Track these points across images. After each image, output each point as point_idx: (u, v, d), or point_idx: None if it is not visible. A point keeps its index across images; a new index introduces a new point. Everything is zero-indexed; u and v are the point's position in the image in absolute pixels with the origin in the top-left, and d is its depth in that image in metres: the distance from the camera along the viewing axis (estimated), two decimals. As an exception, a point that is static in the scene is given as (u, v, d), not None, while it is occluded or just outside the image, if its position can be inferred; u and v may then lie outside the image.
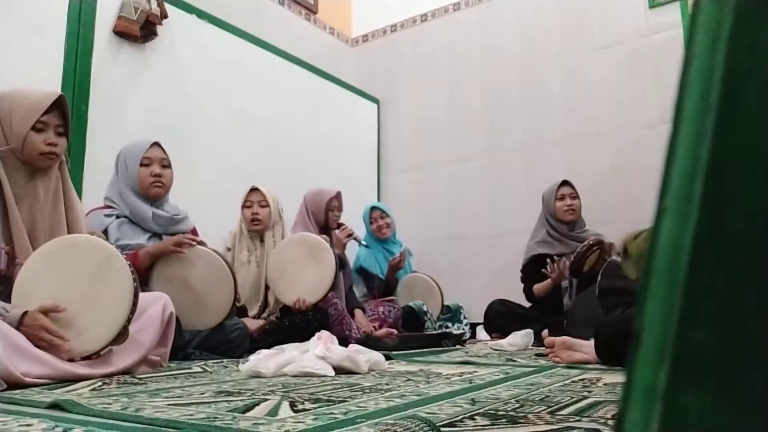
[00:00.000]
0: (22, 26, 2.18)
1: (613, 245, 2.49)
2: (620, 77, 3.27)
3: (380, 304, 3.01)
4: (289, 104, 3.43)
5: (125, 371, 1.49)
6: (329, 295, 2.47)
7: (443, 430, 0.77)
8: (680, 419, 0.23)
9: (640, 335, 0.23)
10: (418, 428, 0.73)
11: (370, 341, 2.28)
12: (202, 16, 2.94)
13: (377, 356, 1.63)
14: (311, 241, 2.49)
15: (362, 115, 4.14)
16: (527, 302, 3.04)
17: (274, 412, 0.92)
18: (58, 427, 0.79)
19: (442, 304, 3.30)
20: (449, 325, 3.19)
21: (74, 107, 2.24)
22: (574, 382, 1.31)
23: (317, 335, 1.64)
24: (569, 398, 1.05)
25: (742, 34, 0.25)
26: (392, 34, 4.33)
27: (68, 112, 1.62)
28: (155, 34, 2.62)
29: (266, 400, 1.04)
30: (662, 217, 0.24)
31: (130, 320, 1.47)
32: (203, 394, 1.14)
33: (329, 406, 0.98)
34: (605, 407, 0.94)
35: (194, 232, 2.20)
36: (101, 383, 1.30)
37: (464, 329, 3.14)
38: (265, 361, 1.50)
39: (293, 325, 2.31)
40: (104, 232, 1.96)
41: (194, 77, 2.86)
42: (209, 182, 2.81)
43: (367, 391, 1.17)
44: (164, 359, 1.69)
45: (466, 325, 3.24)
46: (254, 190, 2.56)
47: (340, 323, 2.46)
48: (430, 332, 2.92)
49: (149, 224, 2.07)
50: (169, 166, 2.13)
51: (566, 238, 2.94)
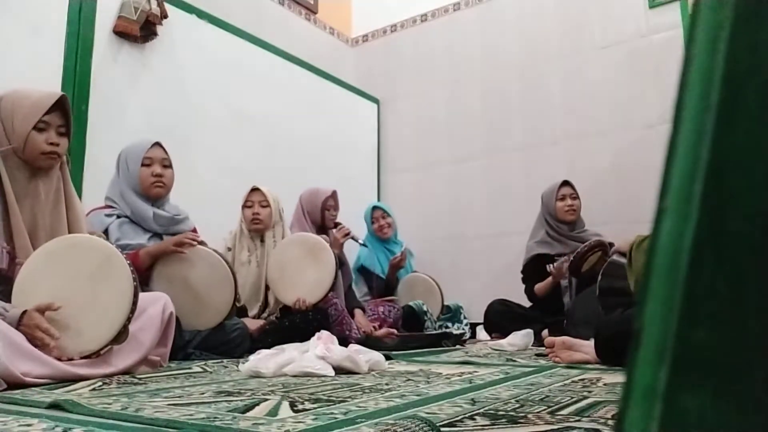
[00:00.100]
0: (22, 26, 2.18)
1: (613, 245, 2.49)
2: (620, 77, 3.27)
3: (380, 304, 3.02)
4: (289, 104, 3.43)
5: (125, 371, 1.49)
6: (329, 295, 2.47)
7: (443, 430, 0.77)
8: (680, 419, 0.23)
9: (640, 335, 0.23)
10: (418, 428, 0.73)
11: (370, 341, 2.28)
12: (202, 16, 2.94)
13: (377, 356, 1.63)
14: (311, 241, 2.50)
15: (362, 115, 4.14)
16: (528, 302, 3.04)
17: (274, 412, 0.92)
18: (58, 427, 0.79)
19: (442, 304, 3.31)
20: (449, 325, 3.19)
21: (74, 107, 2.24)
22: (574, 382, 1.31)
23: (317, 335, 1.64)
24: (569, 398, 1.05)
25: (742, 34, 0.25)
26: (392, 34, 4.33)
27: (70, 112, 1.63)
28: (155, 34, 2.62)
29: (266, 400, 1.04)
30: (662, 217, 0.24)
31: (130, 320, 1.47)
32: (203, 394, 1.14)
33: (329, 406, 0.98)
34: (605, 407, 0.94)
35: (195, 232, 2.20)
36: (101, 383, 1.30)
37: (464, 329, 3.14)
38: (265, 361, 1.50)
39: (293, 325, 2.31)
40: (105, 231, 1.96)
41: (194, 77, 2.86)
42: (209, 182, 2.81)
43: (367, 391, 1.17)
44: (164, 359, 1.69)
45: (466, 325, 3.25)
46: (255, 190, 2.56)
47: (340, 323, 2.47)
48: (430, 332, 2.92)
49: (150, 224, 2.07)
50: (170, 166, 2.14)
51: (566, 238, 2.95)
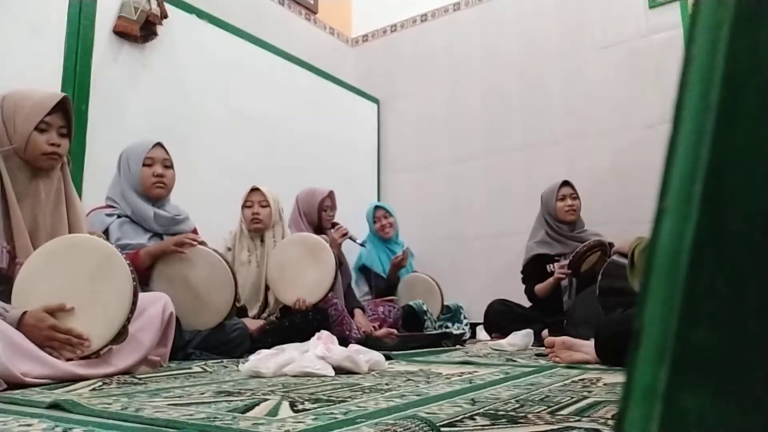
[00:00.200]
0: (22, 26, 2.18)
1: (613, 245, 2.50)
2: (620, 77, 3.27)
3: (380, 304, 3.02)
4: (289, 104, 3.43)
5: (125, 371, 1.49)
6: (329, 295, 2.47)
7: (443, 430, 0.77)
8: (680, 419, 0.23)
9: (640, 335, 0.23)
10: (418, 428, 0.73)
11: (370, 341, 2.28)
12: (202, 16, 2.94)
13: (377, 356, 1.63)
14: (311, 241, 2.50)
15: (362, 115, 4.14)
16: (528, 302, 3.04)
17: (274, 412, 0.92)
18: (58, 427, 0.79)
19: (442, 304, 3.31)
20: (449, 325, 3.19)
21: (74, 107, 2.23)
22: (574, 382, 1.31)
23: (317, 335, 1.64)
24: (569, 398, 1.05)
25: (742, 34, 0.25)
26: (392, 34, 4.33)
27: (71, 113, 1.63)
28: (155, 34, 2.62)
29: (266, 400, 1.04)
30: (662, 217, 0.24)
31: (129, 320, 1.47)
32: (203, 394, 1.14)
33: (329, 406, 0.98)
34: (605, 407, 0.94)
35: (195, 232, 2.20)
36: (101, 383, 1.30)
37: (464, 329, 3.14)
38: (265, 361, 1.50)
39: (293, 325, 2.31)
40: (105, 231, 1.96)
41: (194, 77, 2.86)
42: (209, 182, 2.81)
43: (367, 391, 1.17)
44: (164, 359, 1.69)
45: (466, 325, 3.25)
46: (255, 190, 2.56)
47: (340, 323, 2.47)
48: (430, 332, 2.92)
49: (150, 224, 2.07)
50: (171, 166, 2.14)
51: (566, 238, 2.95)
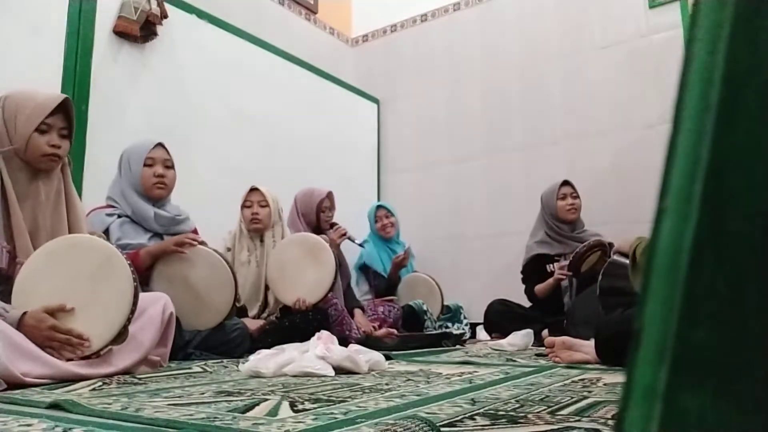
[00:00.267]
0: (22, 26, 2.18)
1: (613, 245, 2.50)
2: (620, 77, 3.27)
3: (380, 304, 3.02)
4: (289, 104, 3.43)
5: (125, 371, 1.49)
6: (329, 295, 2.47)
7: (443, 430, 0.77)
8: (680, 419, 0.23)
9: (640, 335, 0.23)
10: (418, 428, 0.73)
11: (370, 341, 2.28)
12: (202, 16, 2.94)
13: (377, 356, 1.63)
14: (311, 241, 2.50)
15: (362, 115, 4.14)
16: (528, 302, 3.04)
17: (274, 412, 0.92)
18: (58, 427, 0.79)
19: (442, 304, 3.31)
20: (449, 325, 3.19)
21: (74, 107, 2.24)
22: (574, 382, 1.31)
23: (317, 335, 1.64)
24: (569, 398, 1.05)
25: (742, 34, 0.25)
26: (392, 34, 4.33)
27: (73, 114, 1.63)
28: (155, 34, 2.62)
29: (266, 400, 1.04)
30: (662, 217, 0.24)
31: (130, 320, 1.47)
32: (203, 394, 1.14)
33: (329, 406, 0.98)
34: (605, 407, 0.94)
35: (195, 232, 2.21)
36: (101, 383, 1.30)
37: (464, 329, 3.14)
38: (265, 361, 1.50)
39: (293, 325, 2.31)
40: (105, 231, 1.97)
41: (194, 77, 2.86)
42: (209, 182, 2.81)
43: (367, 391, 1.17)
44: (164, 359, 1.69)
45: (466, 325, 3.25)
46: (254, 190, 2.56)
47: (340, 323, 2.47)
48: (430, 332, 2.92)
49: (151, 224, 2.07)
50: (172, 167, 2.14)
51: (566, 238, 2.95)
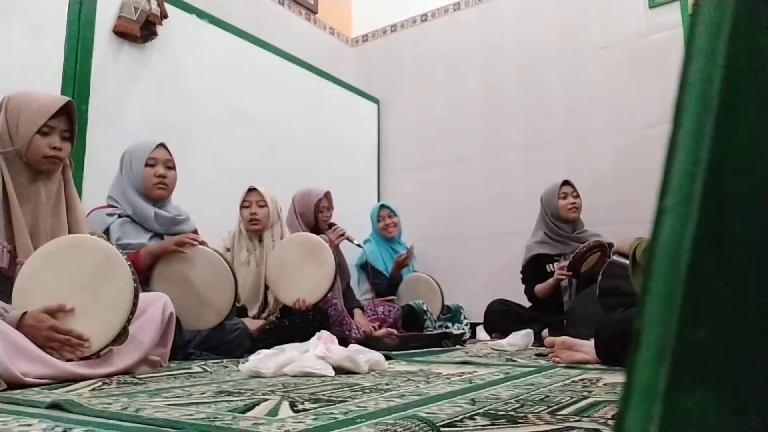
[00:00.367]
0: (22, 26, 2.18)
1: (612, 245, 2.49)
2: (620, 77, 3.27)
3: (380, 304, 3.02)
4: (289, 104, 3.43)
5: (125, 371, 1.49)
6: (329, 295, 2.47)
7: (443, 430, 0.77)
8: (680, 419, 0.23)
9: (640, 335, 0.23)
10: (418, 428, 0.73)
11: (370, 341, 2.28)
12: (202, 16, 2.94)
13: (377, 356, 1.63)
14: (311, 241, 2.49)
15: (362, 115, 4.14)
16: (528, 302, 3.04)
17: (274, 412, 0.92)
18: (58, 427, 0.79)
19: (442, 304, 3.31)
20: (449, 325, 3.19)
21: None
22: (574, 382, 1.31)
23: (317, 335, 1.64)
24: (569, 398, 1.05)
25: (742, 34, 0.25)
26: (392, 34, 4.33)
27: (75, 117, 1.63)
28: (155, 34, 2.62)
29: (266, 400, 1.04)
30: (662, 217, 0.24)
31: (130, 321, 1.47)
32: (203, 394, 1.14)
33: (329, 406, 0.98)
34: (605, 407, 0.94)
35: (196, 232, 2.21)
36: (101, 383, 1.30)
37: (464, 329, 3.14)
38: (265, 361, 1.50)
39: (293, 325, 2.31)
40: (106, 231, 1.97)
41: (194, 77, 2.86)
42: (209, 182, 2.81)
43: (367, 391, 1.17)
44: (164, 359, 1.69)
45: (466, 325, 3.25)
46: (252, 190, 2.56)
47: (340, 323, 2.46)
48: (430, 332, 2.92)
49: (151, 224, 2.07)
50: (173, 167, 2.14)
51: (566, 238, 2.95)
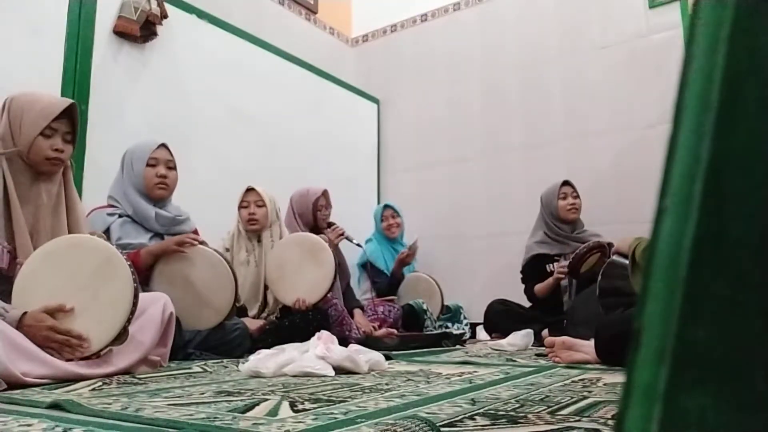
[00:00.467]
0: (22, 26, 2.18)
1: (612, 245, 2.49)
2: (620, 77, 3.27)
3: (380, 304, 3.02)
4: (289, 104, 3.43)
5: (125, 371, 1.49)
6: (329, 295, 2.46)
7: (443, 430, 0.77)
8: (680, 419, 0.23)
9: (640, 335, 0.23)
10: (418, 428, 0.73)
11: (370, 341, 2.28)
12: (202, 16, 2.94)
13: (377, 356, 1.63)
14: (310, 240, 2.49)
15: (362, 115, 4.14)
16: (528, 302, 3.04)
17: (274, 412, 0.92)
18: (58, 427, 0.79)
19: (442, 304, 3.31)
20: (449, 325, 3.19)
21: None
22: (574, 382, 1.31)
23: (317, 335, 1.64)
24: (569, 398, 1.05)
25: (742, 34, 0.25)
26: (392, 34, 4.33)
27: (77, 119, 1.63)
28: (155, 34, 2.62)
29: (266, 400, 1.04)
30: (662, 217, 0.24)
31: (130, 321, 1.47)
32: (203, 394, 1.14)
33: (329, 406, 0.98)
34: (605, 407, 0.94)
35: (196, 232, 2.21)
36: (101, 383, 1.30)
37: (464, 329, 3.14)
38: (265, 361, 1.50)
39: (293, 325, 2.31)
40: (106, 231, 1.97)
41: (194, 77, 2.86)
42: (209, 182, 2.81)
43: (367, 391, 1.17)
44: (164, 359, 1.69)
45: (466, 325, 3.25)
46: (250, 190, 2.56)
47: (340, 323, 2.46)
48: (430, 332, 2.92)
49: (152, 224, 2.07)
50: (174, 168, 2.15)
51: (566, 238, 2.95)
